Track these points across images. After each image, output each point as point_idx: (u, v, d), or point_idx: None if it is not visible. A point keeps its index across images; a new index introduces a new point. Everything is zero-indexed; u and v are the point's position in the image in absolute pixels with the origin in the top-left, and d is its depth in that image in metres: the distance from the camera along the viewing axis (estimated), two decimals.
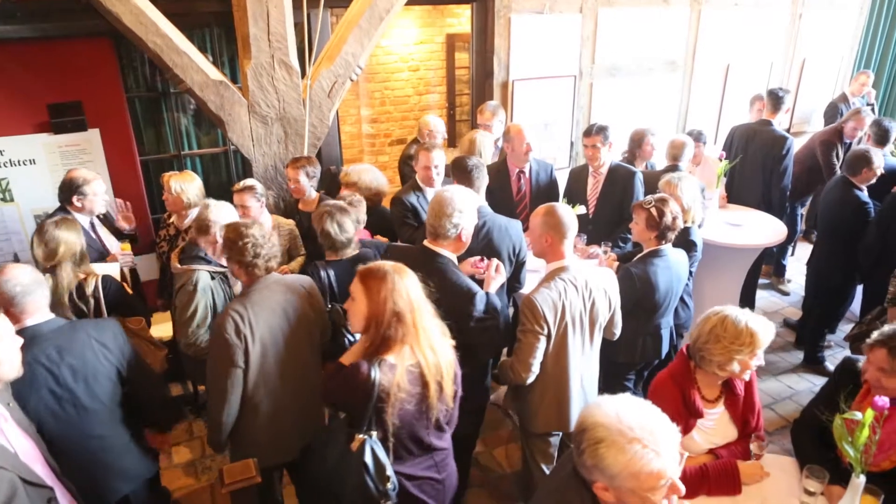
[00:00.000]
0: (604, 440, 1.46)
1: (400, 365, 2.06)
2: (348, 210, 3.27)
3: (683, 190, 3.53)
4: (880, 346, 2.26)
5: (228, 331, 2.43)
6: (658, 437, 1.45)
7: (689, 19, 5.90)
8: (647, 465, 1.42)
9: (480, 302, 2.66)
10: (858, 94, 6.46)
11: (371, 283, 2.08)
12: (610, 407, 1.51)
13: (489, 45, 5.16)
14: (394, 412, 2.05)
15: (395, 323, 2.05)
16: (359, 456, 2.06)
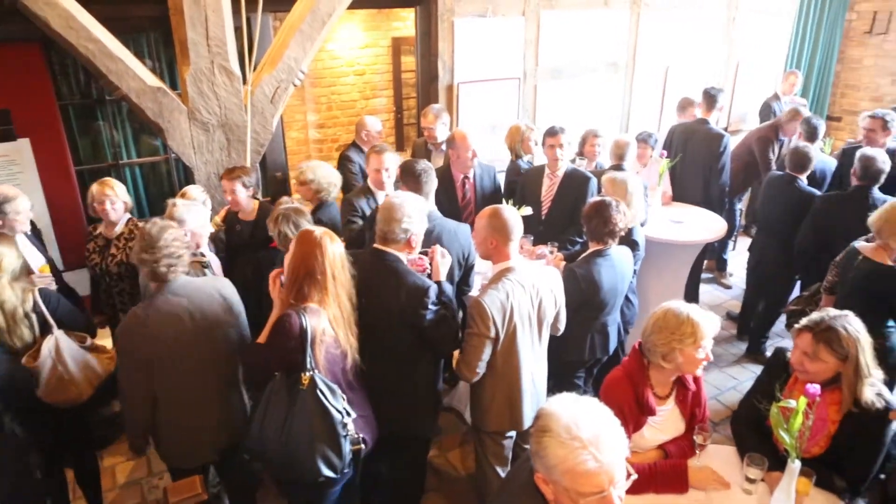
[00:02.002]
0: (549, 430, 1.49)
1: (322, 312, 2.37)
2: (304, 210, 3.26)
3: (628, 190, 3.60)
4: (806, 331, 2.35)
5: (127, 334, 2.50)
6: (601, 445, 1.45)
7: (629, 22, 6.03)
8: (582, 465, 1.43)
9: (434, 293, 2.69)
10: (789, 93, 6.72)
11: (303, 239, 2.41)
12: (569, 404, 1.54)
13: (433, 49, 5.17)
14: (321, 354, 2.36)
15: (315, 275, 2.36)
16: (312, 389, 2.33)
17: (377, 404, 2.86)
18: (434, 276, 2.85)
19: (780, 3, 7.16)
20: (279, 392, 2.39)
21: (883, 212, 3.23)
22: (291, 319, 2.29)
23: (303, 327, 2.29)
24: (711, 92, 5.30)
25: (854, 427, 2.31)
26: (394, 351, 2.77)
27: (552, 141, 4.12)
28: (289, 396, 2.35)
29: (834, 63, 7.87)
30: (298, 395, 2.33)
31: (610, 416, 1.54)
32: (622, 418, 2.33)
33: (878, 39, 7.70)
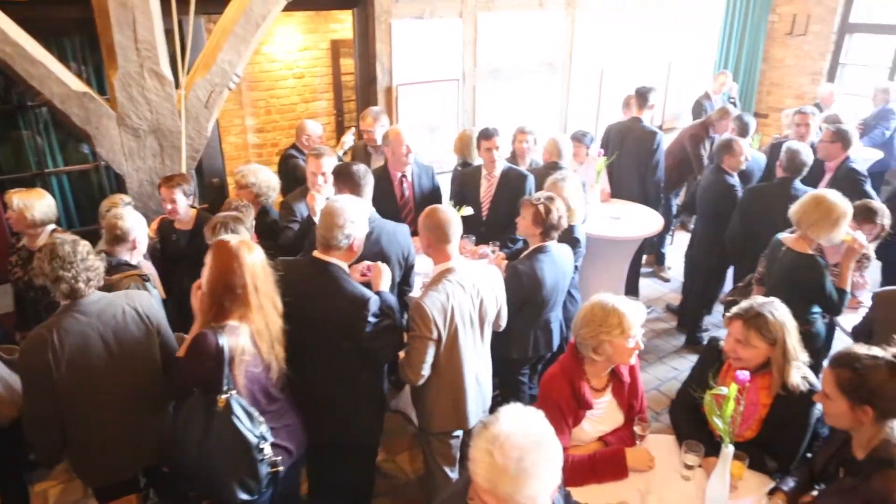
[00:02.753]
0: (481, 443, 1.45)
1: (242, 329, 2.29)
2: (242, 218, 3.19)
3: (567, 189, 3.66)
4: (737, 318, 2.44)
5: (31, 355, 2.37)
6: (535, 472, 1.40)
7: (564, 23, 6.14)
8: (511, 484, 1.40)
9: (374, 304, 2.66)
10: (719, 92, 6.98)
11: (219, 252, 2.30)
12: (511, 421, 1.47)
13: (371, 51, 5.15)
14: (240, 373, 2.28)
15: (235, 290, 2.28)
16: (227, 412, 2.24)
17: (320, 412, 2.84)
18: (374, 287, 2.82)
19: (707, 5, 7.42)
20: (196, 409, 2.30)
21: (801, 204, 3.36)
22: (207, 339, 2.21)
23: (219, 347, 2.20)
24: (643, 91, 5.45)
25: (783, 410, 2.42)
26: (334, 358, 2.74)
27: (487, 144, 4.16)
28: (206, 416, 2.26)
29: (759, 63, 8.21)
30: (215, 417, 2.24)
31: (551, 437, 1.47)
32: (561, 414, 2.40)
33: (798, 40, 8.07)
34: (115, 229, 3.05)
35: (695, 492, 2.38)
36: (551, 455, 1.44)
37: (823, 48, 7.92)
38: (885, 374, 1.98)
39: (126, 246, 3.10)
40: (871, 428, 2.04)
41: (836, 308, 3.37)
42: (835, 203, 3.25)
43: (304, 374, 2.87)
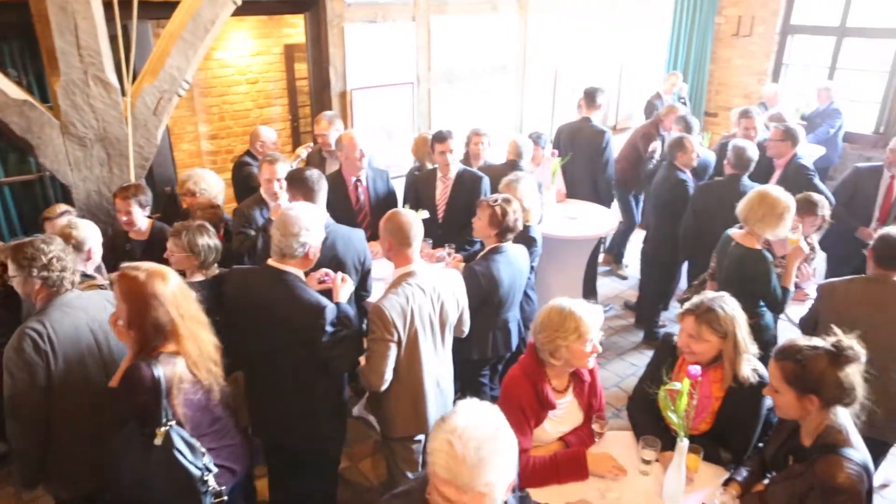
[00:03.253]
0: (438, 437, 1.48)
1: (178, 358, 2.20)
2: (208, 228, 3.16)
3: (523, 190, 3.69)
4: (689, 314, 2.49)
5: (27, 349, 2.30)
6: (489, 465, 1.44)
7: (517, 26, 6.20)
8: (464, 477, 1.43)
9: (331, 313, 2.63)
10: (669, 92, 7.13)
11: (130, 291, 2.15)
12: (467, 415, 1.51)
13: (324, 55, 5.11)
14: (180, 403, 2.20)
15: (162, 325, 2.16)
16: (167, 446, 2.15)
17: (279, 422, 2.80)
18: (334, 298, 2.80)
19: (656, 7, 7.58)
20: (133, 441, 2.20)
21: (746, 201, 3.45)
22: (141, 372, 2.11)
23: (155, 380, 2.11)
24: (591, 91, 5.53)
25: (735, 402, 2.47)
26: (292, 367, 2.71)
27: (441, 146, 4.17)
28: (143, 449, 2.17)
29: (708, 63, 8.41)
30: (153, 451, 2.15)
31: (505, 431, 1.52)
32: (523, 415, 2.41)
33: (743, 41, 8.30)
34: (70, 239, 2.97)
35: (653, 486, 2.41)
36: (507, 444, 1.49)
37: (768, 49, 8.16)
38: (826, 362, 2.05)
39: (81, 256, 3.04)
40: (817, 416, 2.11)
41: (779, 305, 3.48)
42: (778, 198, 3.35)
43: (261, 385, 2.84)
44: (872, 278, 3.09)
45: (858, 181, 4.81)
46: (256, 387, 2.88)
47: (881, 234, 3.10)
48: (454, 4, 5.65)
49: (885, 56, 7.39)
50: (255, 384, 2.89)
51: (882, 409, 2.89)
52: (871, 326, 2.88)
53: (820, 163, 6.68)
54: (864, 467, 2.04)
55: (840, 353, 2.05)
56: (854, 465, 2.02)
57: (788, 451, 2.24)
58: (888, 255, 3.03)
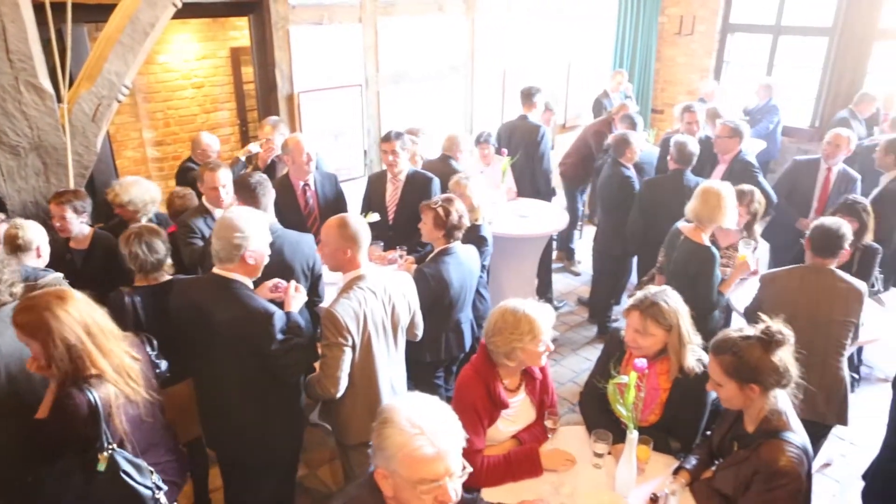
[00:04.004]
0: (390, 422, 1.52)
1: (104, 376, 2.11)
2: (159, 231, 3.06)
3: (471, 189, 3.71)
4: (634, 309, 2.53)
5: None
6: (439, 434, 1.51)
7: (465, 26, 6.22)
8: (419, 450, 1.48)
9: (280, 321, 2.59)
10: (616, 90, 7.26)
11: (28, 324, 2.04)
12: (410, 399, 1.59)
13: (270, 58, 5.03)
14: (121, 422, 2.13)
15: (73, 349, 2.05)
16: (113, 470, 2.08)
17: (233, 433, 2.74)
18: (285, 307, 2.75)
19: (602, 7, 7.71)
20: (72, 475, 2.10)
21: (694, 200, 3.57)
22: (75, 401, 2.01)
23: (93, 406, 2.03)
24: (527, 90, 5.59)
25: (682, 392, 2.53)
26: (243, 377, 2.65)
27: (385, 147, 4.15)
28: (84, 480, 2.07)
29: (653, 61, 8.60)
30: (96, 479, 2.06)
31: (448, 410, 1.59)
32: (477, 415, 2.41)
33: (686, 40, 8.52)
34: (16, 239, 3.00)
35: (606, 479, 2.45)
36: (453, 422, 1.58)
37: (709, 47, 8.39)
38: (759, 350, 2.12)
39: (31, 255, 3.08)
40: (759, 402, 2.17)
41: (712, 305, 3.56)
42: (721, 192, 3.51)
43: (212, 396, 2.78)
44: (811, 267, 3.20)
45: (797, 174, 4.98)
46: (208, 398, 2.82)
47: (816, 225, 3.23)
48: (401, 6, 5.64)
49: (818, 53, 7.68)
50: (206, 395, 2.83)
51: (822, 394, 3.02)
52: (809, 314, 3.02)
53: (761, 157, 6.89)
54: (803, 450, 2.11)
55: (770, 338, 2.12)
56: (794, 449, 2.09)
57: (733, 437, 2.30)
58: (823, 244, 3.15)
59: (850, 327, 3.12)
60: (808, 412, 2.88)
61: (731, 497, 2.21)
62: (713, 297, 3.56)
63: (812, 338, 2.84)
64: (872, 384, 4.72)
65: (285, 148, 4.07)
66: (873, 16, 7.11)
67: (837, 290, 3.11)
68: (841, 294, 3.10)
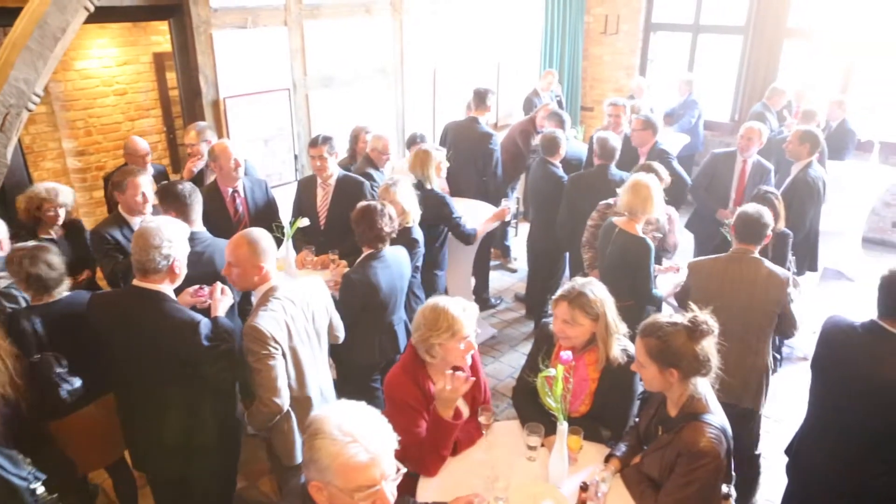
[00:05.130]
0: (320, 433, 1.50)
1: None
2: (47, 247, 2.95)
3: (400, 194, 3.71)
4: (562, 300, 2.59)
5: None
6: (371, 439, 1.50)
7: (392, 28, 6.22)
8: (354, 458, 1.47)
9: (206, 328, 2.55)
10: (546, 89, 7.40)
11: None
12: (337, 407, 1.58)
13: (193, 63, 4.91)
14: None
15: None
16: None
17: (165, 449, 2.67)
18: (212, 312, 2.71)
19: (528, 7, 7.84)
20: None
21: (625, 194, 3.68)
22: None
23: None
24: (481, 92, 5.63)
25: (610, 382, 2.60)
26: (172, 390, 2.60)
27: (312, 152, 4.12)
28: None
29: (580, 60, 8.80)
30: None
31: (377, 414, 1.59)
32: (413, 410, 2.42)
33: (612, 39, 8.76)
34: None
35: (540, 470, 2.49)
36: (382, 424, 1.57)
37: (633, 45, 8.65)
38: (684, 337, 2.20)
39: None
40: (678, 387, 2.26)
41: (649, 294, 3.69)
42: (648, 184, 3.64)
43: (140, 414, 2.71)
44: (735, 257, 3.30)
45: (715, 166, 5.20)
46: (135, 416, 2.74)
47: (739, 212, 3.35)
48: (327, 8, 5.59)
49: (735, 50, 8.03)
50: (132, 413, 2.75)
51: (738, 379, 3.14)
52: (732, 300, 3.13)
53: (686, 150, 7.17)
54: (722, 430, 2.21)
55: (696, 327, 2.21)
56: (713, 430, 2.18)
57: (658, 422, 2.39)
58: (747, 231, 3.27)
59: (773, 315, 3.22)
60: (725, 395, 3.00)
61: (658, 480, 2.29)
62: (651, 287, 3.67)
63: (733, 323, 2.90)
64: (794, 363, 4.97)
65: (212, 155, 3.98)
66: (781, 15, 7.48)
67: (760, 277, 3.21)
68: (763, 282, 3.20)
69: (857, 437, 2.50)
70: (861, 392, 2.44)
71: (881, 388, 2.37)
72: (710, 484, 2.17)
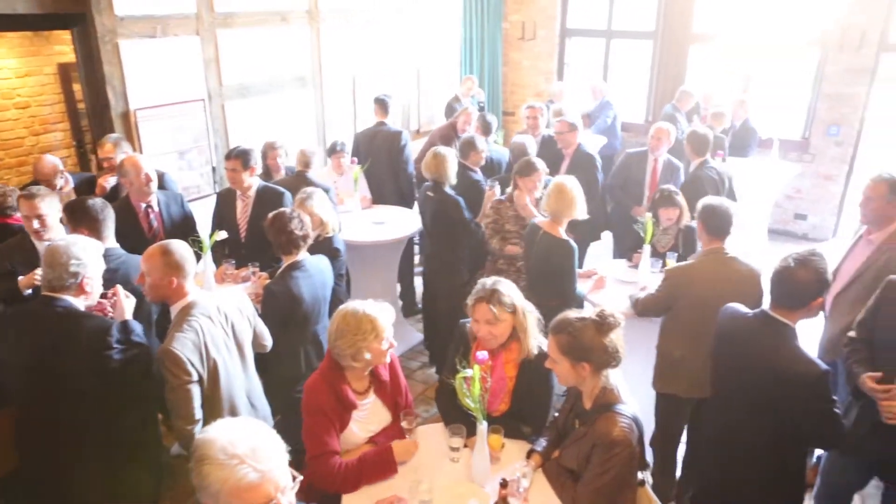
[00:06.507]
0: (206, 458, 1.45)
1: None
2: None
3: (315, 205, 3.69)
4: (479, 301, 2.62)
5: None
6: (259, 456, 1.46)
7: (310, 36, 6.17)
8: (244, 479, 1.43)
9: (117, 330, 2.52)
10: (467, 94, 7.51)
11: None
12: (220, 427, 1.51)
13: (99, 74, 4.73)
14: None
15: None
16: None
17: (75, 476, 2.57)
18: (117, 317, 2.67)
19: (446, 14, 7.94)
20: None
21: (548, 197, 3.74)
22: None
23: None
24: (381, 98, 5.67)
25: (527, 379, 2.66)
26: (85, 407, 2.51)
27: (227, 165, 4.06)
28: None
29: (500, 65, 8.97)
30: None
31: (264, 427, 1.55)
32: (327, 418, 2.41)
33: (529, 44, 8.97)
34: None
35: (464, 471, 2.53)
36: (270, 436, 1.52)
37: (550, 50, 8.89)
38: (593, 331, 2.28)
39: None
40: (591, 380, 2.34)
41: (570, 296, 3.77)
42: (571, 187, 3.72)
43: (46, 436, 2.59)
44: (712, 255, 3.32)
45: (630, 165, 5.40)
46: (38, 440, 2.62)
47: (704, 205, 3.39)
48: (241, 17, 5.50)
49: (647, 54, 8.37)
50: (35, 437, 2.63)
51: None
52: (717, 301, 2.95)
53: (605, 151, 7.42)
54: (634, 419, 2.30)
55: (604, 321, 2.29)
56: (625, 420, 2.27)
57: (575, 416, 2.47)
58: (717, 224, 3.31)
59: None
60: (696, 391, 3.13)
61: (577, 471, 2.36)
62: (574, 286, 3.77)
63: (709, 320, 2.89)
64: None
65: (122, 170, 3.85)
66: (687, 22, 7.86)
67: (738, 274, 3.23)
68: (739, 278, 3.21)
69: (746, 420, 2.60)
70: (750, 377, 2.55)
71: (767, 372, 2.48)
72: (625, 472, 2.26)
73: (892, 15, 6.75)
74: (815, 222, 7.72)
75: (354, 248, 4.58)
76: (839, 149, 7.31)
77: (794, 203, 7.76)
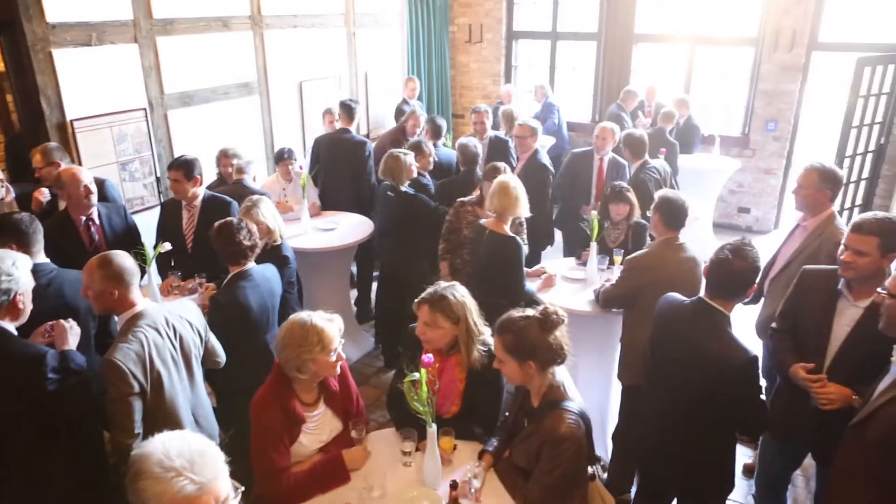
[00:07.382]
0: (142, 473, 1.42)
1: None
2: None
3: (262, 213, 3.65)
4: (424, 303, 2.63)
5: None
6: (196, 467, 1.44)
7: (253, 43, 6.10)
8: (181, 492, 1.41)
9: (53, 359, 2.41)
10: (412, 96, 7.54)
11: None
12: (156, 442, 1.48)
13: (31, 84, 4.57)
14: None
15: None
16: None
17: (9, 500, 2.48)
18: (58, 346, 2.56)
19: (391, 18, 7.94)
20: None
21: (493, 196, 3.77)
22: None
23: None
24: (347, 104, 5.64)
25: (477, 380, 2.67)
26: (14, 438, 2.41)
27: (170, 175, 3.99)
28: None
29: (448, 68, 9.02)
30: None
31: (202, 439, 1.53)
32: (276, 435, 2.39)
33: (476, 47, 9.06)
34: None
35: (416, 475, 2.53)
36: (207, 447, 1.50)
37: (497, 53, 8.99)
38: (537, 329, 2.31)
39: None
40: (538, 378, 2.37)
41: (519, 293, 3.81)
42: (514, 186, 3.77)
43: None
44: (666, 245, 3.40)
45: (576, 165, 5.49)
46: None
47: (661, 198, 3.47)
48: (181, 24, 5.40)
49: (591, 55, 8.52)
50: None
51: None
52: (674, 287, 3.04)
53: (553, 151, 7.53)
54: (580, 415, 2.34)
55: (547, 318, 2.32)
56: (572, 416, 2.31)
57: (524, 414, 2.49)
58: (673, 216, 3.39)
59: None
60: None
61: (528, 469, 2.39)
62: (523, 283, 3.80)
63: None
64: None
65: (59, 182, 3.73)
66: (629, 23, 8.04)
67: (687, 262, 3.35)
68: (687, 265, 3.34)
69: (680, 405, 2.67)
70: (684, 362, 2.62)
71: (699, 357, 2.56)
72: (574, 467, 2.29)
73: (821, 16, 7.05)
74: (758, 215, 7.99)
75: (304, 255, 4.54)
76: (777, 143, 7.59)
77: (737, 197, 8.02)
